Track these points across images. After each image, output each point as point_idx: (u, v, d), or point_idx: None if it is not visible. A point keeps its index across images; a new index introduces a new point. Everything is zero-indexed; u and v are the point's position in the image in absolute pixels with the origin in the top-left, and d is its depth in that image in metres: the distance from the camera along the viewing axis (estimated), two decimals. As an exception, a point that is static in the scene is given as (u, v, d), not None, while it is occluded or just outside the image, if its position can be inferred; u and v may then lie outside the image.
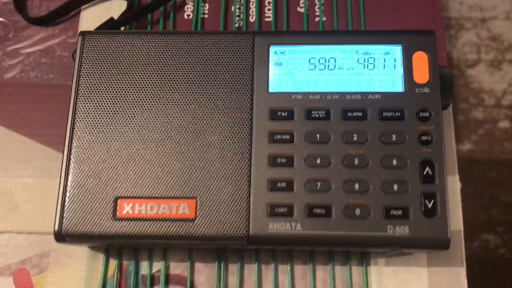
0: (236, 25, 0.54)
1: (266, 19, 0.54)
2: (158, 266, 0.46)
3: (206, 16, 0.54)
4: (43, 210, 0.48)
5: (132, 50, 0.45)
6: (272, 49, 0.45)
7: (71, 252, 0.47)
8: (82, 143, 0.43)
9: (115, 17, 0.52)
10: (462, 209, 0.47)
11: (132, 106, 0.44)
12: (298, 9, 0.54)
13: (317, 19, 0.54)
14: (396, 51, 0.44)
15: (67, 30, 0.54)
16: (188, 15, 0.54)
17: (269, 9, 0.54)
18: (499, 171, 1.02)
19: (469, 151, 1.02)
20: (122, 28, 0.52)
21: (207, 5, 0.55)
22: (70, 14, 0.54)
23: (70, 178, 0.42)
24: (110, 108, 0.44)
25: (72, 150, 0.43)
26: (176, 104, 0.44)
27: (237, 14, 0.54)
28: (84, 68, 0.45)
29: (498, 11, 1.08)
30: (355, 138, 0.42)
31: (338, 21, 0.54)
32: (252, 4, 0.54)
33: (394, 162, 0.41)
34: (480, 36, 1.07)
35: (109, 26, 0.51)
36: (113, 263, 0.47)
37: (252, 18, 0.54)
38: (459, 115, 1.04)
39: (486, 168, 1.01)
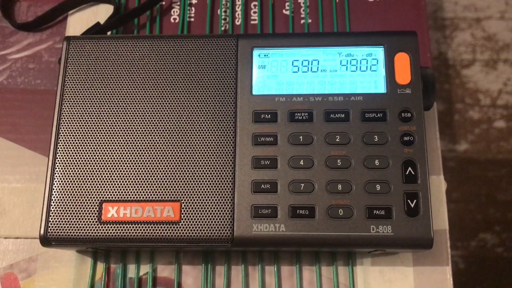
0: (222, 28, 0.54)
1: (252, 22, 0.54)
2: (145, 269, 0.47)
3: (192, 19, 0.55)
4: (30, 214, 0.48)
5: (116, 54, 0.45)
6: (256, 52, 0.45)
7: (59, 256, 0.47)
8: (67, 147, 0.43)
9: (102, 22, 0.52)
10: (459, 208, 0.47)
11: (117, 110, 0.44)
12: (284, 11, 0.55)
13: (302, 21, 0.54)
14: (378, 52, 0.44)
15: (54, 35, 0.54)
16: (175, 19, 0.55)
17: (254, 12, 0.55)
18: (496, 171, 1.02)
19: (465, 151, 1.02)
20: (109, 33, 0.53)
21: (193, 8, 0.55)
22: (57, 19, 0.55)
23: (55, 182, 0.42)
24: (95, 113, 0.44)
25: (57, 155, 0.43)
26: (160, 108, 0.44)
27: (223, 17, 0.54)
28: (69, 73, 0.45)
29: (492, 11, 1.08)
30: (337, 140, 0.42)
31: (323, 23, 0.54)
32: (238, 7, 0.55)
33: (377, 162, 0.42)
34: (475, 36, 1.07)
35: (96, 30, 0.51)
36: (100, 266, 0.47)
37: (238, 21, 0.54)
38: (455, 115, 1.04)
39: (483, 167, 1.02)
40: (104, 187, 0.42)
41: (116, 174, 0.42)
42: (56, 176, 0.42)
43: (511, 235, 0.98)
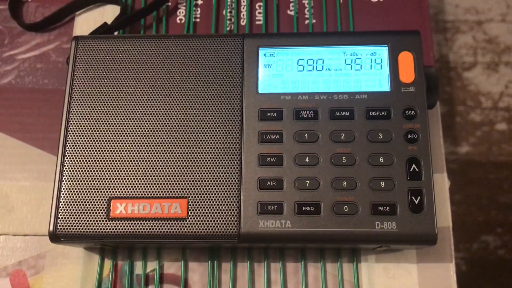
0: (228, 28, 0.55)
1: (257, 22, 0.55)
2: (152, 265, 0.47)
3: (198, 20, 0.55)
4: (39, 212, 0.49)
5: (124, 53, 0.46)
6: (261, 51, 0.46)
7: (66, 253, 0.48)
8: (75, 145, 0.44)
9: (109, 22, 0.53)
10: (461, 210, 0.47)
11: (125, 109, 0.44)
12: (288, 12, 0.55)
13: (306, 21, 0.55)
14: (383, 51, 0.45)
15: (61, 35, 0.55)
16: (181, 20, 0.55)
17: (259, 12, 0.55)
18: (498, 173, 1.02)
19: (467, 153, 1.03)
20: (116, 33, 0.53)
21: (199, 9, 0.56)
22: (65, 20, 0.55)
23: (64, 179, 0.43)
24: (103, 111, 0.44)
25: (66, 153, 0.44)
26: (168, 106, 0.44)
27: (228, 17, 0.55)
28: (77, 72, 0.46)
29: (493, 14, 1.09)
30: (342, 137, 0.43)
31: (328, 23, 0.54)
32: (243, 8, 0.55)
33: (381, 159, 0.42)
34: (476, 39, 1.08)
35: (103, 31, 0.52)
36: (108, 263, 0.47)
37: (243, 21, 0.55)
38: (457, 117, 1.05)
39: (484, 170, 1.02)
40: (112, 184, 0.43)
41: (124, 171, 0.43)
42: (65, 173, 0.43)
43: (513, 237, 0.99)
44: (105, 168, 0.43)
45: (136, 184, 0.43)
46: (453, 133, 1.04)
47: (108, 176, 0.43)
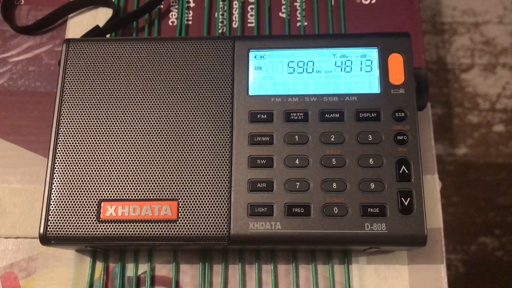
0: (220, 30, 0.55)
1: (249, 25, 0.55)
2: (143, 267, 0.47)
3: (190, 22, 0.55)
4: (31, 214, 0.49)
5: (115, 56, 0.46)
6: (252, 53, 0.46)
7: (58, 256, 0.48)
8: (66, 148, 0.44)
9: (101, 25, 0.53)
10: (459, 212, 0.47)
11: (116, 111, 0.45)
12: (280, 14, 0.55)
13: (298, 24, 0.55)
14: (372, 53, 0.45)
15: (54, 38, 0.55)
16: (173, 22, 0.55)
17: (251, 15, 0.55)
18: (495, 175, 1.02)
19: (465, 155, 1.03)
20: (108, 36, 0.53)
21: (191, 11, 0.56)
22: (57, 23, 0.56)
23: (55, 182, 0.43)
24: (93, 114, 0.45)
25: (57, 155, 0.44)
26: (158, 108, 0.44)
27: (220, 20, 0.55)
28: (68, 74, 0.46)
29: (491, 16, 1.09)
30: (332, 139, 0.43)
31: (319, 25, 0.55)
32: (235, 10, 0.56)
33: (371, 161, 0.42)
34: (473, 41, 1.08)
35: (95, 33, 0.52)
36: (99, 266, 0.47)
37: (235, 24, 0.55)
38: (454, 119, 1.05)
39: (482, 171, 1.02)
40: (102, 186, 0.43)
41: (114, 173, 0.43)
42: (56, 175, 0.43)
43: (510, 238, 0.99)
44: (95, 171, 0.43)
45: (127, 186, 0.43)
46: (451, 135, 1.04)
47: (99, 178, 0.43)
